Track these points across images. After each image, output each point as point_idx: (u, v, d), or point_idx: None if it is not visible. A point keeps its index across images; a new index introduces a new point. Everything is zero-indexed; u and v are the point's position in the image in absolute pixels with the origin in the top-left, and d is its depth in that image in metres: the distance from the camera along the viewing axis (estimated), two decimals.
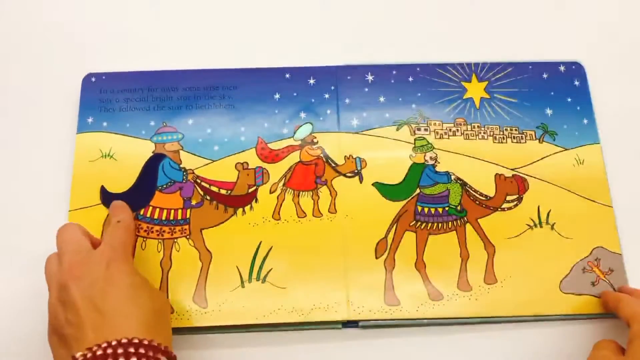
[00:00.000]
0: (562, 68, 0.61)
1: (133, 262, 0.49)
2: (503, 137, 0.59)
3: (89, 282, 0.45)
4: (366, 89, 0.60)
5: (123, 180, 0.56)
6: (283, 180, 0.57)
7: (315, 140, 0.58)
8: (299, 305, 0.53)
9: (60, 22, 0.64)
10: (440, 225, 0.56)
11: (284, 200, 0.56)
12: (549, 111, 0.60)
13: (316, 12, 0.65)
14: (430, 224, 0.56)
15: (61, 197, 0.56)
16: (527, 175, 0.57)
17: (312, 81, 0.60)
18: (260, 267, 0.54)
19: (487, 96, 0.60)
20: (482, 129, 0.59)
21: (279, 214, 0.56)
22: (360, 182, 0.57)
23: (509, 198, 0.57)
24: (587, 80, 0.61)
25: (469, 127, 0.59)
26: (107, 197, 0.55)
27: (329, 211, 0.56)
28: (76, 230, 0.50)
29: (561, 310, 0.53)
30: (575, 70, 0.61)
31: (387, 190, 0.57)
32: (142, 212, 0.55)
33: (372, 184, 0.57)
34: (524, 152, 0.58)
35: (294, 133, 0.58)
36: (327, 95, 0.60)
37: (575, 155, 0.58)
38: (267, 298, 0.53)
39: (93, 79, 0.60)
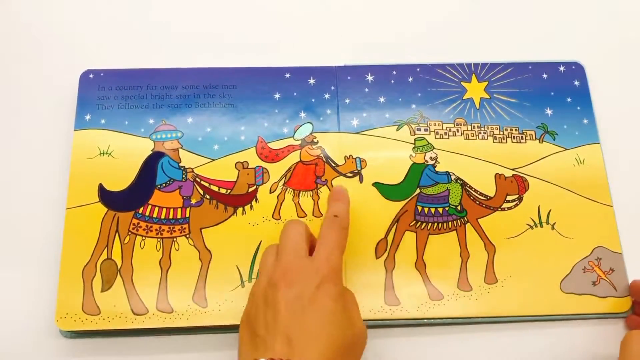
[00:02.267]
0: (561, 68, 0.62)
1: (342, 275, 0.48)
2: (503, 137, 0.59)
3: (297, 293, 0.45)
4: (366, 89, 0.60)
5: (121, 178, 0.56)
6: (283, 180, 0.57)
7: (315, 140, 0.58)
8: None
9: (58, 17, 0.64)
10: (440, 225, 0.56)
11: (284, 200, 0.56)
12: (549, 111, 0.60)
13: (316, 12, 0.65)
14: (430, 224, 0.56)
15: (58, 195, 0.55)
16: (527, 175, 0.57)
17: (312, 81, 0.60)
18: None
19: (487, 96, 0.60)
20: (482, 129, 0.59)
21: (279, 213, 0.55)
22: (360, 182, 0.57)
23: (509, 198, 0.57)
24: (587, 80, 0.61)
25: (469, 127, 0.59)
26: (105, 196, 0.55)
27: None
28: (301, 231, 0.49)
29: (562, 310, 0.53)
30: (575, 71, 0.61)
31: (387, 190, 0.56)
32: (140, 211, 0.55)
33: (372, 184, 0.57)
34: (524, 152, 0.58)
35: (294, 133, 0.58)
36: (327, 96, 0.60)
37: (575, 155, 0.58)
38: None
39: (91, 76, 0.59)
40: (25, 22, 0.64)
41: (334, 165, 0.57)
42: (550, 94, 0.60)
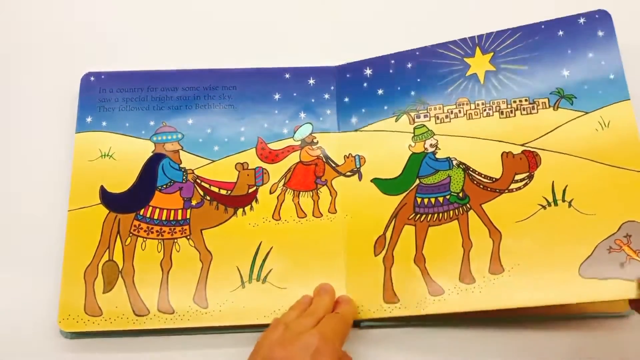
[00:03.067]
0: (582, 20, 0.55)
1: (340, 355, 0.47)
2: (511, 111, 0.54)
3: None
4: (365, 84, 0.58)
5: (123, 180, 0.57)
6: (283, 181, 0.56)
7: (315, 141, 0.57)
8: None
9: (59, 21, 0.65)
10: (440, 215, 0.53)
11: (284, 200, 0.55)
12: (565, 72, 0.54)
13: (316, 13, 0.64)
14: (430, 215, 0.53)
15: (60, 197, 0.57)
16: (538, 149, 0.53)
17: (312, 81, 0.59)
18: (261, 268, 0.53)
19: (493, 68, 0.56)
20: (487, 105, 0.55)
21: (279, 214, 0.55)
22: (360, 180, 0.55)
23: (517, 177, 0.52)
24: (614, 29, 0.54)
25: (472, 106, 0.55)
26: (106, 197, 0.56)
27: (329, 211, 0.55)
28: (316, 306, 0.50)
29: (581, 298, 0.48)
30: (599, 20, 0.55)
31: (385, 185, 0.54)
32: (142, 213, 0.56)
33: (371, 180, 0.55)
34: (536, 123, 0.53)
35: (294, 133, 0.58)
36: (326, 96, 0.59)
37: (598, 117, 0.52)
38: (267, 298, 0.52)
39: (92, 78, 0.60)
40: (26, 26, 0.65)
41: (333, 165, 0.56)
42: (567, 52, 0.55)
